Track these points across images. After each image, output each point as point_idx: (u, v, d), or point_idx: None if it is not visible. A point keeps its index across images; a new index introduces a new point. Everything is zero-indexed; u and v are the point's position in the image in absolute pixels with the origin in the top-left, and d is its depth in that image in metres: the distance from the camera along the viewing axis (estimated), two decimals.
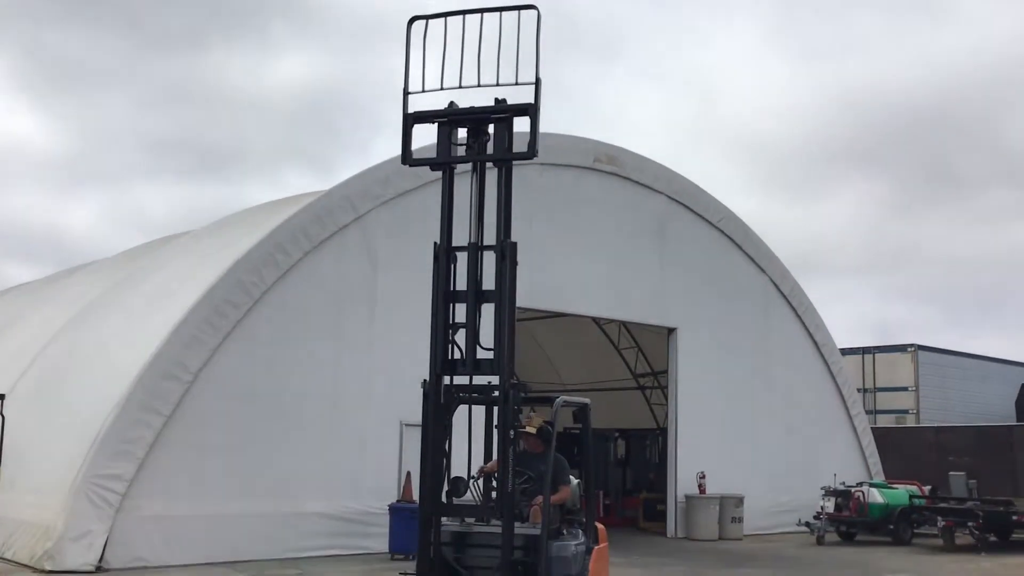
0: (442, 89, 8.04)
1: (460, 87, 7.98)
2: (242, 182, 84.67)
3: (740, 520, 21.01)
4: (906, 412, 34.67)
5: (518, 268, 7.91)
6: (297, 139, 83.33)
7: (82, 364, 16.60)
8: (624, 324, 25.43)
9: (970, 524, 19.54)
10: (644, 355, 26.96)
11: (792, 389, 23.34)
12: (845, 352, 29.92)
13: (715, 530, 20.58)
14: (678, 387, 21.41)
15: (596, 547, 8.90)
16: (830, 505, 21.21)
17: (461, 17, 7.98)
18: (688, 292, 21.58)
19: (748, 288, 22.93)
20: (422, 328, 8.05)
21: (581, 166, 19.90)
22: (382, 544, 15.48)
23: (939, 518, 20.25)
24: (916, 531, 21.31)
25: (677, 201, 21.63)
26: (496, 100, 8.02)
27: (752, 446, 22.23)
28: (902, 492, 21.69)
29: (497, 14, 7.87)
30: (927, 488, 22.66)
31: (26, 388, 17.26)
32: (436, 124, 8.08)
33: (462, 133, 8.13)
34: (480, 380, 7.80)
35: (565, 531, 8.55)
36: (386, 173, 16.98)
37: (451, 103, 8.12)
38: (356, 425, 16.27)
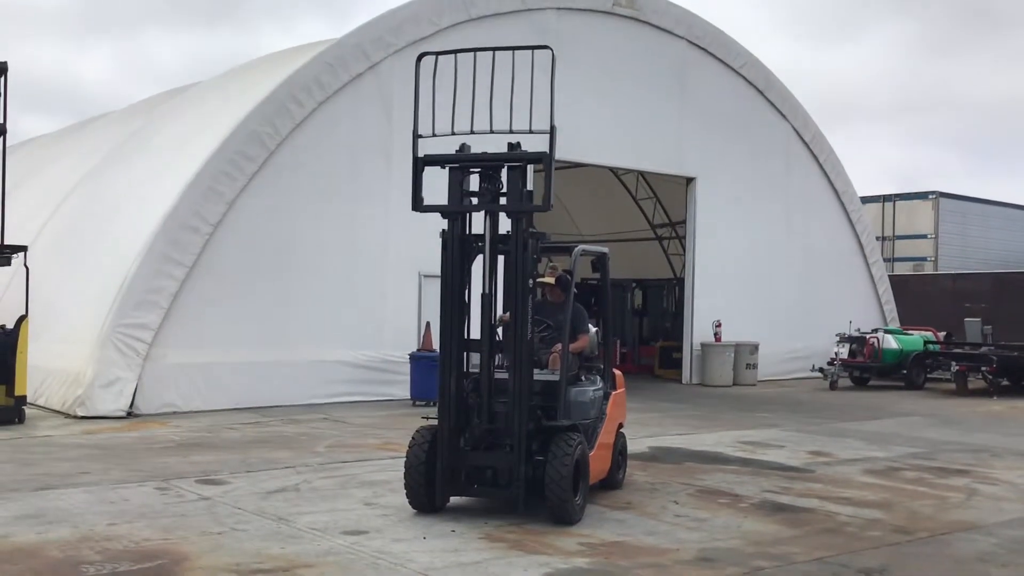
0: (453, 134, 7.71)
1: (472, 132, 7.62)
2: (256, 31, 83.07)
3: (755, 367, 21.36)
4: (924, 260, 34.65)
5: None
6: None
7: (102, 215, 16.70)
8: (642, 174, 25.23)
9: (983, 369, 19.79)
10: (662, 205, 26.86)
11: (810, 237, 23.30)
12: (866, 200, 29.68)
13: (729, 376, 20.95)
14: (696, 237, 21.39)
15: (614, 392, 9.11)
16: (844, 351, 21.48)
17: (472, 56, 7.58)
18: (708, 141, 21.28)
19: (769, 136, 22.58)
20: (440, 179, 7.98)
21: (599, 10, 19.34)
22: (403, 391, 15.87)
23: (953, 363, 20.50)
24: (929, 376, 21.62)
25: (698, 46, 21.07)
26: (509, 145, 7.73)
27: (768, 294, 22.36)
28: (917, 338, 21.91)
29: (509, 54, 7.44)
30: (942, 334, 22.88)
31: (48, 240, 17.43)
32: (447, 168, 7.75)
33: (475, 177, 7.81)
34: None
35: (583, 377, 8.72)
36: (399, 21, 16.57)
37: (463, 145, 7.81)
38: (375, 276, 16.42)
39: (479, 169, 7.79)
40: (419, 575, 6.20)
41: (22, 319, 12.97)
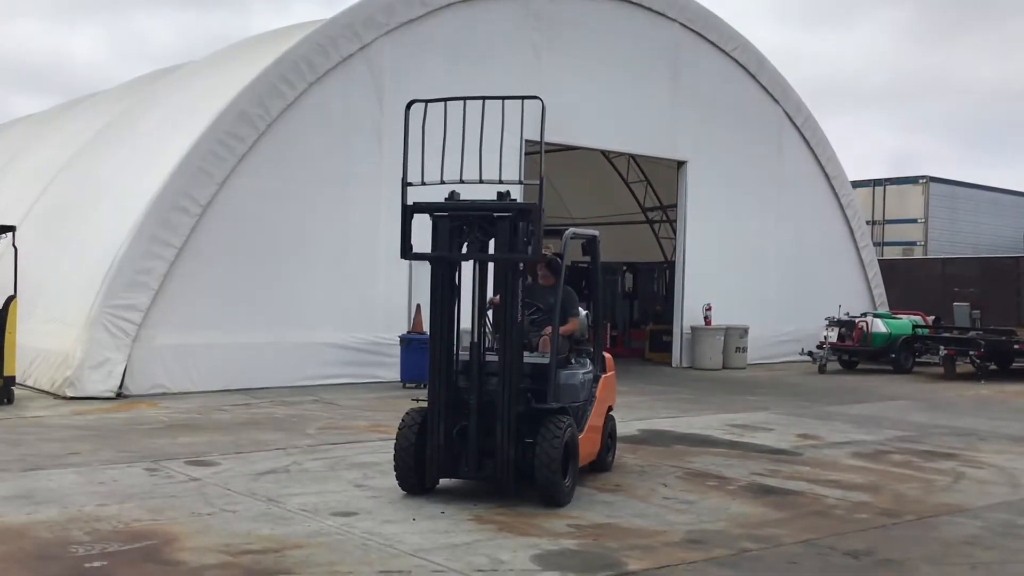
0: (442, 183, 7.73)
1: (461, 181, 7.64)
2: (248, 10, 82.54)
3: (744, 350, 21.41)
4: (914, 244, 34.76)
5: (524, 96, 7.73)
6: None
7: (92, 196, 16.62)
8: (633, 157, 25.23)
9: (971, 353, 19.87)
10: (653, 188, 26.85)
11: (801, 222, 23.31)
12: (856, 184, 29.72)
13: (719, 360, 21.00)
14: (686, 220, 21.39)
15: (603, 375, 9.12)
16: (833, 335, 21.55)
17: (462, 103, 7.56)
18: (699, 124, 21.25)
19: (761, 120, 22.56)
20: (429, 161, 7.96)
21: None
22: (393, 373, 15.87)
23: (941, 347, 20.58)
24: (918, 360, 21.72)
25: (691, 29, 21.00)
26: (499, 194, 7.76)
27: (759, 278, 22.39)
28: (905, 322, 21.99)
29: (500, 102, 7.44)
30: (931, 319, 22.97)
31: (37, 220, 17.34)
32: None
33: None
34: None
35: (573, 360, 8.74)
36: (390, 1, 16.46)
37: (452, 193, 7.83)
38: (366, 257, 16.38)
39: (468, 218, 7.80)
40: (409, 556, 6.22)
41: (11, 299, 12.92)
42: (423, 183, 7.71)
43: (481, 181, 7.66)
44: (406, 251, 7.84)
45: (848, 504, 8.13)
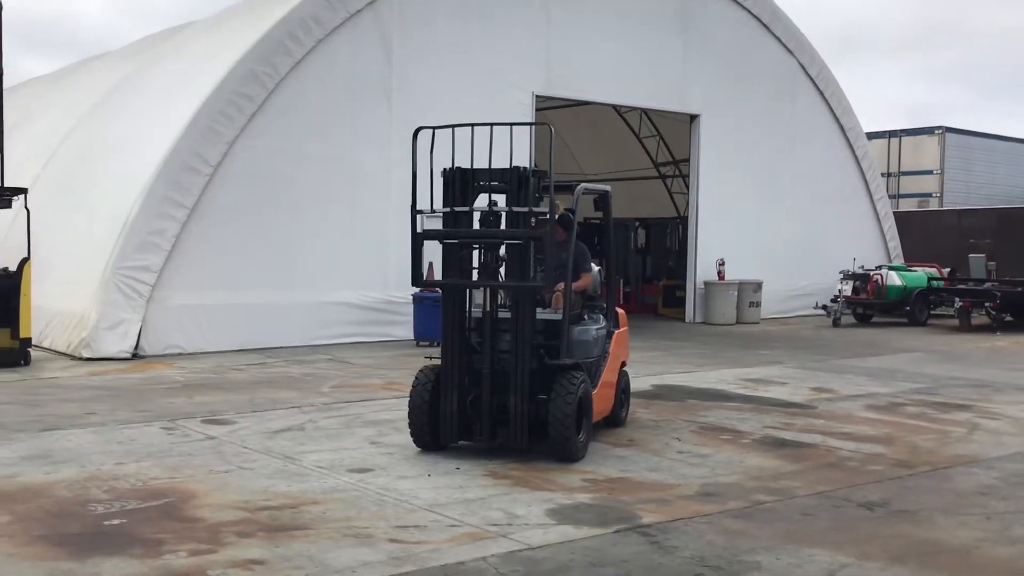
0: (452, 210, 7.71)
1: (471, 209, 7.67)
2: None
3: (758, 305, 21.37)
4: (930, 195, 34.48)
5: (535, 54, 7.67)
6: None
7: (102, 157, 16.61)
8: (645, 112, 25.01)
9: (987, 304, 19.78)
10: (665, 143, 26.66)
11: (815, 175, 23.12)
12: (872, 136, 29.45)
13: (733, 315, 20.96)
14: (699, 175, 21.24)
15: (616, 331, 9.11)
16: (848, 288, 21.47)
17: (470, 129, 7.48)
18: (712, 77, 21.02)
19: (775, 72, 22.29)
20: (440, 118, 7.92)
21: None
22: (406, 332, 15.91)
23: (956, 299, 20.49)
24: (933, 312, 21.63)
25: None
26: (512, 167, 7.72)
27: (772, 232, 22.26)
28: (920, 275, 21.88)
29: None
30: (946, 271, 22.84)
31: (49, 181, 17.35)
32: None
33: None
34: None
35: (586, 316, 8.73)
36: None
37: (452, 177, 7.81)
38: (378, 216, 16.34)
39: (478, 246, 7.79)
40: (424, 511, 6.26)
41: (25, 261, 12.96)
42: (432, 211, 7.79)
43: (491, 208, 7.68)
44: (417, 279, 7.98)
45: (862, 456, 8.13)
